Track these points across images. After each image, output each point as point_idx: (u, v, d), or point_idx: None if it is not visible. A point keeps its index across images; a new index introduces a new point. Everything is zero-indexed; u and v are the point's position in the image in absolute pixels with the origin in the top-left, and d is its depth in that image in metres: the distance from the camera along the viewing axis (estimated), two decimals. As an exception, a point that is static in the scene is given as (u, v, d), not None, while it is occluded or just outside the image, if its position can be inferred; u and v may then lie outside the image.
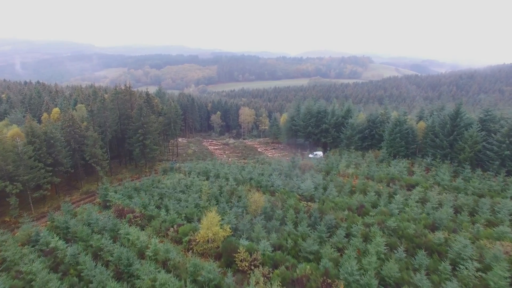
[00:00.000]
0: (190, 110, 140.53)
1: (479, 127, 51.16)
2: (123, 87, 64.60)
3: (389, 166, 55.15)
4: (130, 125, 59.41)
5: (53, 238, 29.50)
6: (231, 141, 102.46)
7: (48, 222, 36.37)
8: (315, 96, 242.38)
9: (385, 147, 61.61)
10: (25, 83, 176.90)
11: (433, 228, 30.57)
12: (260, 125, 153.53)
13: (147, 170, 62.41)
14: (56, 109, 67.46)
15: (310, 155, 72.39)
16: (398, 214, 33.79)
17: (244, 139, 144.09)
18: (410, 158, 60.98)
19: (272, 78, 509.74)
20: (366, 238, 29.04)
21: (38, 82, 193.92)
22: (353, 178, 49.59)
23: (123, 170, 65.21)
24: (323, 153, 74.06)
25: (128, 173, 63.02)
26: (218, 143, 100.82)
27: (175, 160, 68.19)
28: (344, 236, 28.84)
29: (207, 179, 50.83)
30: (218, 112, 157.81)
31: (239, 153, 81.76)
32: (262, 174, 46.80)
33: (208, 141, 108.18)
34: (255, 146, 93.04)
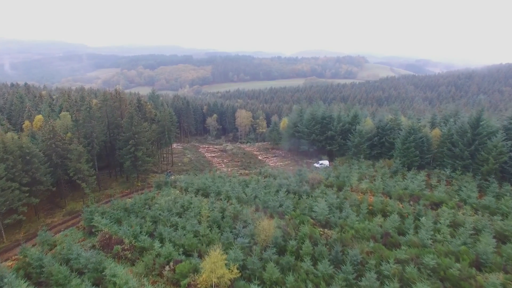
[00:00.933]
0: (185, 113, 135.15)
1: (504, 136, 46.84)
2: (113, 92, 58.99)
3: (405, 178, 50.65)
4: (120, 135, 53.92)
5: (20, 284, 24.08)
6: (229, 147, 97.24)
7: (19, 257, 30.88)
8: (312, 97, 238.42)
9: (398, 156, 57.08)
10: (12, 85, 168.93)
11: (477, 264, 25.87)
12: (257, 128, 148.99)
13: (139, 184, 56.99)
14: (39, 117, 61.66)
15: (316, 165, 67.61)
16: (432, 244, 29.07)
17: (241, 142, 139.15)
18: (424, 168, 56.60)
19: (267, 78, 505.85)
20: (402, 281, 24.20)
21: (25, 84, 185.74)
22: (368, 195, 45.00)
23: (113, 184, 59.65)
24: (329, 162, 69.35)
25: (118, 187, 57.52)
26: (215, 149, 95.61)
27: (169, 171, 62.87)
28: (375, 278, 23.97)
29: (207, 196, 45.74)
30: (215, 115, 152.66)
31: (238, 161, 76.63)
32: (269, 192, 41.78)
33: (205, 147, 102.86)
34: (255, 152, 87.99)
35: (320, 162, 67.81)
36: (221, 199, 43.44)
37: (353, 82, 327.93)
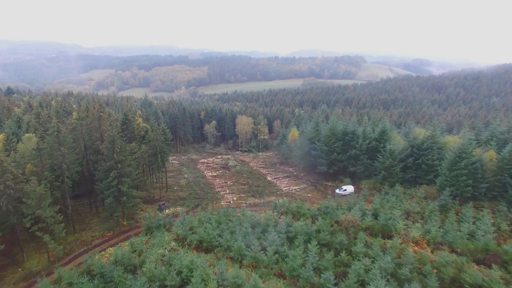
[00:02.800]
0: (182, 121, 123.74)
1: None
2: (93, 108, 47.46)
3: (460, 217, 40.11)
4: (100, 164, 42.56)
5: None
6: (231, 162, 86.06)
7: None
8: (314, 100, 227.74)
9: (445, 185, 46.37)
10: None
11: None
12: (258, 135, 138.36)
13: (125, 223, 45.61)
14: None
15: (338, 191, 56.80)
16: None
17: (242, 151, 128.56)
18: (477, 200, 46.14)
19: (264, 79, 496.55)
20: None
21: (8, 88, 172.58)
22: (425, 248, 34.28)
23: (93, 220, 48.17)
24: (354, 187, 58.54)
25: (99, 226, 46.07)
26: (216, 165, 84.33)
27: (163, 203, 51.54)
28: None
29: (212, 250, 34.71)
30: (213, 122, 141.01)
31: (244, 183, 65.40)
32: (299, 259, 30.46)
33: (203, 161, 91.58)
34: (262, 171, 76.77)
35: (344, 187, 56.97)
36: (232, 259, 32.47)
37: (355, 83, 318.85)
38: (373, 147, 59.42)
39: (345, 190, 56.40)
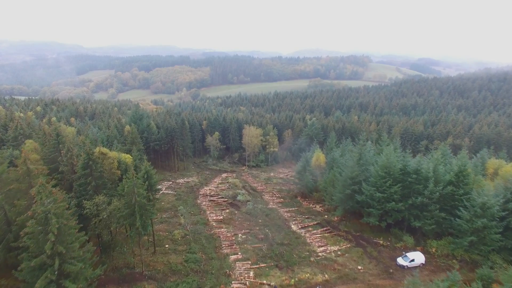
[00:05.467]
0: (180, 135, 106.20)
1: None
2: (23, 158, 29.42)
3: None
4: (22, 259, 24.88)
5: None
6: (241, 194, 67.77)
7: None
8: (325, 104, 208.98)
9: None
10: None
11: None
12: (267, 146, 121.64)
13: None
14: None
15: (401, 261, 38.95)
16: None
17: (250, 166, 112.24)
18: None
19: (268, 79, 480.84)
20: None
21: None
22: None
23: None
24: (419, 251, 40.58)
25: None
26: (222, 199, 66.37)
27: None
28: None
29: None
30: (216, 133, 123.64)
31: (262, 238, 47.48)
32: None
33: (206, 190, 73.81)
34: (282, 212, 58.70)
35: (409, 257, 39.00)
36: None
37: (366, 85, 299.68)
38: (447, 194, 41.37)
39: (413, 260, 38.48)
